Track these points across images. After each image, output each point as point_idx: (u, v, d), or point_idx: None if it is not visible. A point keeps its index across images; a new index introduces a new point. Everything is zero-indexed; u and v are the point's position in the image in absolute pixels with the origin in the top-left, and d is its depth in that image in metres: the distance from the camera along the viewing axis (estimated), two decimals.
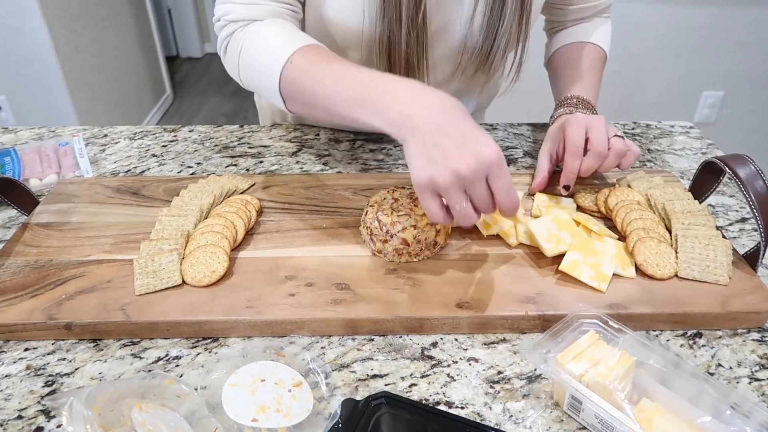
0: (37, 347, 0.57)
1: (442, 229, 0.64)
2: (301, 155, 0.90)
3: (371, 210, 0.66)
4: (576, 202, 0.74)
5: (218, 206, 0.72)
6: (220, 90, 3.57)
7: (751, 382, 0.54)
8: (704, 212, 0.68)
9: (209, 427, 0.47)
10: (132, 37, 2.91)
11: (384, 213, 0.64)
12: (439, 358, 0.56)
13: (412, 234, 0.62)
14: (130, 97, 2.87)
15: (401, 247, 0.63)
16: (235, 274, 0.63)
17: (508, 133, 0.96)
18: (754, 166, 0.63)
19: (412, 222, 0.63)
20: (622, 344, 0.51)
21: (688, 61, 2.16)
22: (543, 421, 0.50)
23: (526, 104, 2.30)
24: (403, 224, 0.63)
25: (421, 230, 0.63)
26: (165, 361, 0.56)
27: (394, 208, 0.65)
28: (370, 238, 0.65)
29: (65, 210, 0.74)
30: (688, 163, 0.89)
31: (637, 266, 0.63)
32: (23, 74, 2.19)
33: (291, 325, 0.58)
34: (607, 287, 0.60)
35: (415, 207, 0.65)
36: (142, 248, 0.64)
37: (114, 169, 0.87)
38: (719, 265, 0.61)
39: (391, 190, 0.69)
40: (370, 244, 0.65)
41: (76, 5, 2.34)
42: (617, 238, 0.67)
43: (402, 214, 0.64)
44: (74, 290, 0.61)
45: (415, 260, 0.64)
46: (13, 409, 0.51)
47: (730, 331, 0.59)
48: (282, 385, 0.50)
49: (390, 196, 0.67)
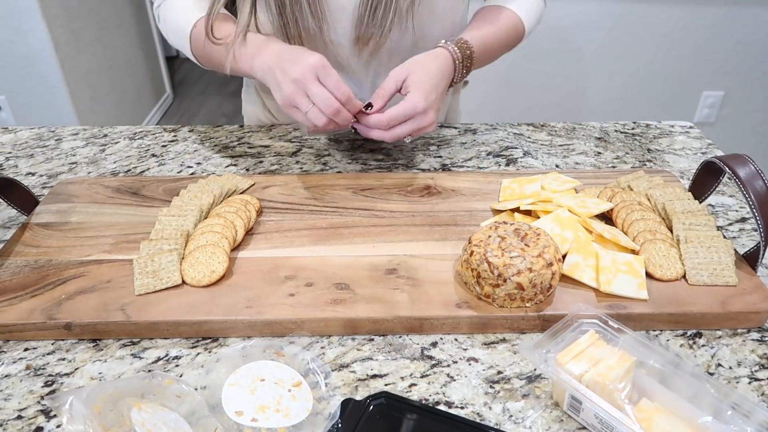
0: (36, 347, 0.57)
1: (557, 271, 0.58)
2: (301, 155, 0.90)
3: (477, 250, 0.59)
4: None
5: (218, 206, 0.72)
6: (220, 90, 3.57)
7: (751, 382, 0.54)
8: (704, 212, 0.68)
9: (209, 427, 0.47)
10: (132, 37, 2.91)
11: (494, 254, 0.58)
12: (438, 358, 0.56)
13: (528, 278, 0.56)
14: (130, 97, 2.87)
15: (515, 292, 0.57)
16: (234, 274, 0.63)
17: (508, 133, 0.96)
18: (754, 166, 0.63)
19: (527, 264, 0.57)
20: (622, 344, 0.50)
21: (688, 61, 2.16)
22: (543, 421, 0.50)
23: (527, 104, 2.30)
24: (517, 267, 0.57)
25: (537, 273, 0.57)
26: (165, 361, 0.56)
27: (503, 249, 0.59)
28: (476, 281, 0.59)
29: (65, 210, 0.74)
30: (688, 163, 0.89)
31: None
32: (23, 74, 2.19)
33: (291, 325, 0.58)
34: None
35: (527, 246, 0.59)
36: (142, 248, 0.64)
37: (114, 169, 0.87)
38: (725, 266, 0.61)
39: (493, 227, 0.62)
40: (475, 288, 0.59)
41: (76, 5, 2.34)
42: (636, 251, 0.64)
43: (515, 256, 0.57)
44: (74, 290, 0.61)
45: (527, 305, 0.58)
46: (13, 409, 0.51)
47: (730, 331, 0.59)
48: (282, 385, 0.50)
49: (495, 234, 0.61)
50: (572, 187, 0.75)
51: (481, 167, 0.87)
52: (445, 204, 0.75)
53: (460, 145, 0.93)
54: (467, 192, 0.77)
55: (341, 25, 0.82)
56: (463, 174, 0.81)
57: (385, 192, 0.77)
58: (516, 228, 0.61)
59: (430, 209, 0.74)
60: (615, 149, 0.92)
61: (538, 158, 0.89)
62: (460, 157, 0.89)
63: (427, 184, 0.79)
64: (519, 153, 0.91)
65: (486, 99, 2.19)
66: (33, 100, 2.26)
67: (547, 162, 0.88)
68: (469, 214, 0.73)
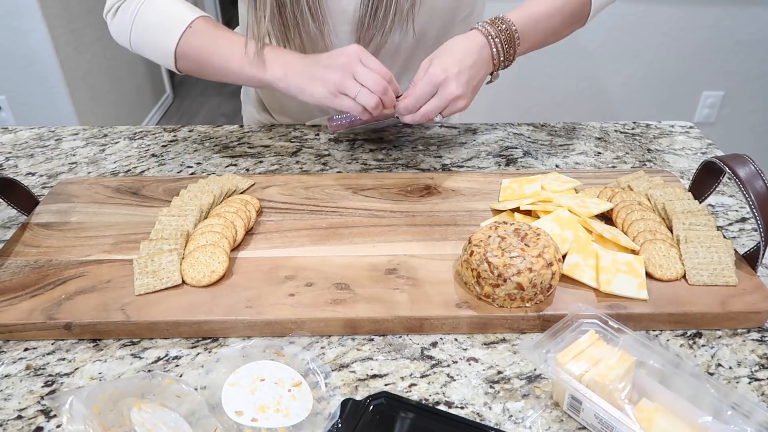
0: (36, 347, 0.57)
1: (557, 271, 0.58)
2: (300, 155, 0.90)
3: (477, 250, 0.59)
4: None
5: (218, 206, 0.72)
6: (220, 90, 3.57)
7: (751, 382, 0.54)
8: (704, 212, 0.68)
9: (209, 427, 0.47)
10: None
11: (494, 254, 0.58)
12: (438, 358, 0.56)
13: (528, 278, 0.56)
14: (130, 97, 2.86)
15: (515, 292, 0.57)
16: (234, 274, 0.63)
17: (508, 133, 0.96)
18: (754, 166, 0.63)
19: (527, 264, 0.57)
20: (622, 344, 0.50)
21: (688, 61, 2.16)
22: (543, 421, 0.50)
23: (527, 104, 2.30)
24: (517, 267, 0.57)
25: (537, 273, 0.57)
26: (165, 361, 0.56)
27: (503, 248, 0.59)
28: (476, 281, 0.59)
29: (65, 210, 0.74)
30: (688, 163, 0.89)
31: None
32: (23, 74, 2.19)
33: (291, 324, 0.58)
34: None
35: (527, 246, 0.59)
36: (142, 248, 0.64)
37: (114, 169, 0.87)
38: (725, 266, 0.61)
39: (493, 227, 0.62)
40: (475, 288, 0.59)
41: (76, 5, 2.34)
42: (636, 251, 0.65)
43: (515, 256, 0.58)
44: (74, 290, 0.61)
45: (527, 305, 0.59)
46: (13, 409, 0.51)
47: (729, 331, 0.59)
48: (282, 385, 0.50)
49: (495, 234, 0.61)
50: (572, 187, 0.75)
51: (481, 167, 0.87)
52: (445, 204, 0.75)
53: (460, 145, 0.93)
54: (467, 192, 0.77)
55: (342, 29, 0.82)
56: (463, 174, 0.81)
57: (385, 192, 0.77)
58: (516, 228, 0.61)
59: (430, 209, 0.74)
60: (615, 149, 0.92)
61: (538, 158, 0.89)
62: (460, 157, 0.89)
63: (427, 184, 0.79)
64: (519, 153, 0.91)
65: (486, 99, 2.19)
66: (33, 100, 2.26)
67: (547, 162, 0.88)
68: (469, 214, 0.73)
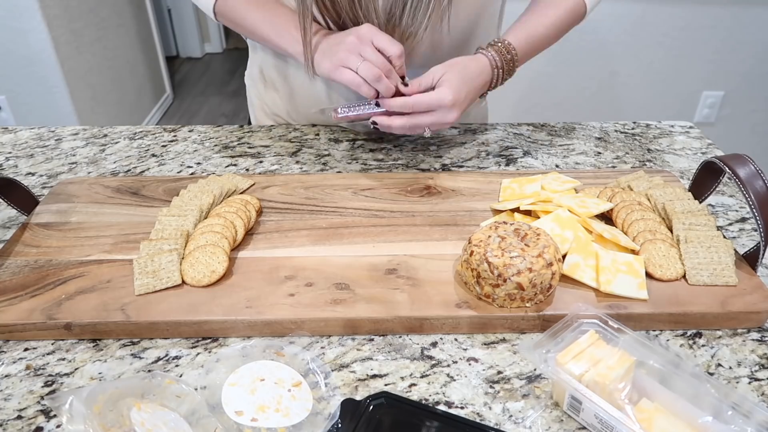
0: (36, 347, 0.57)
1: (557, 271, 0.58)
2: (300, 155, 0.90)
3: (477, 250, 0.59)
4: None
5: (218, 206, 0.72)
6: (220, 90, 3.57)
7: (751, 382, 0.54)
8: (704, 212, 0.68)
9: (209, 427, 0.47)
10: (132, 37, 2.91)
11: (494, 254, 0.58)
12: (438, 358, 0.56)
13: (527, 278, 0.56)
14: (130, 97, 2.87)
15: (515, 292, 0.57)
16: (234, 274, 0.63)
17: (508, 133, 0.96)
18: (754, 166, 0.63)
19: (527, 264, 0.57)
20: (622, 344, 0.50)
21: (688, 61, 2.16)
22: (543, 421, 0.50)
23: (526, 104, 2.30)
24: (517, 267, 0.57)
25: (537, 273, 0.56)
26: (165, 361, 0.56)
27: (503, 248, 0.58)
28: (476, 281, 0.59)
29: (65, 210, 0.74)
30: (688, 163, 0.89)
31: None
32: (23, 74, 2.19)
33: (291, 325, 0.58)
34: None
35: (527, 246, 0.58)
36: (142, 248, 0.64)
37: (114, 169, 0.87)
38: (725, 266, 0.61)
39: (493, 227, 0.61)
40: (475, 288, 0.59)
41: (76, 5, 2.34)
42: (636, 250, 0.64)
43: (515, 256, 0.57)
44: (74, 290, 0.61)
45: (527, 305, 0.59)
46: (13, 409, 0.51)
47: (729, 331, 0.59)
48: (281, 385, 0.50)
49: (495, 234, 0.60)
50: (572, 187, 0.75)
51: (481, 167, 0.87)
52: (445, 204, 0.75)
53: (460, 145, 0.93)
54: (467, 192, 0.77)
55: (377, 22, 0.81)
56: (463, 174, 0.81)
57: (385, 192, 0.77)
58: (516, 228, 0.61)
59: (430, 209, 0.74)
60: (615, 149, 0.92)
61: (538, 158, 0.89)
62: (460, 157, 0.89)
63: (427, 184, 0.79)
64: (519, 153, 0.91)
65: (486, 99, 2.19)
66: (33, 100, 2.26)
67: (547, 162, 0.88)
68: (469, 214, 0.73)
